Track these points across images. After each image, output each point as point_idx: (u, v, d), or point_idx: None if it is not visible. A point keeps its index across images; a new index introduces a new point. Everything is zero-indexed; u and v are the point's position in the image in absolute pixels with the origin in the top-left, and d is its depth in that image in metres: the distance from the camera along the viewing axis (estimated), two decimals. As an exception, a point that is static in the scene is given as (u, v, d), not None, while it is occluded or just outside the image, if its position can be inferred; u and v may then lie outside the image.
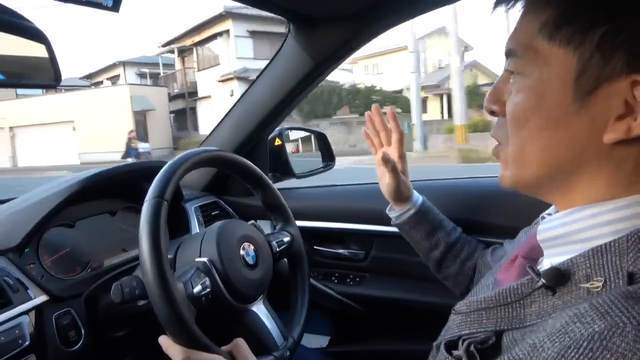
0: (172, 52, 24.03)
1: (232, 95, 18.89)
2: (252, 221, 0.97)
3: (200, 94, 22.30)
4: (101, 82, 28.19)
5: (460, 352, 0.48)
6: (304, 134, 1.58)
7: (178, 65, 24.21)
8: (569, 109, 0.45)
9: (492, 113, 0.54)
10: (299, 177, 1.44)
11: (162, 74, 25.74)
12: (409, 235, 1.00)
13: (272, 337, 0.85)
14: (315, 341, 1.37)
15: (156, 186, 0.73)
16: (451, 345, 0.50)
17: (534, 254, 0.53)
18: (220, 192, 1.39)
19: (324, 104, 19.03)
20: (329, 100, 19.13)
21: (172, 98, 23.47)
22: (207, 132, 1.36)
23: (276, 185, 1.18)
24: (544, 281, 0.45)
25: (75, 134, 21.88)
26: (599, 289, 0.41)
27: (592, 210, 0.46)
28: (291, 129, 1.49)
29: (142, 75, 26.58)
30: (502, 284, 0.54)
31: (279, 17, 1.00)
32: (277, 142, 1.38)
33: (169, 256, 0.82)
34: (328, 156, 1.53)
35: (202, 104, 22.47)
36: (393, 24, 1.00)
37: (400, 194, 0.97)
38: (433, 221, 0.98)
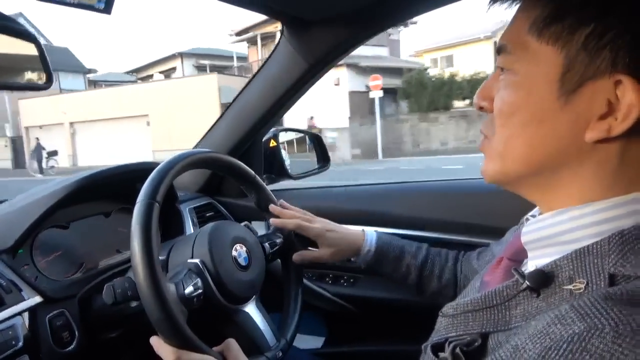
0: (244, 41, 22.28)
1: (337, 84, 16.90)
2: (245, 222, 0.98)
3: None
4: (151, 76, 26.54)
5: (446, 354, 0.48)
6: (298, 135, 1.59)
7: (253, 56, 22.20)
8: (554, 106, 0.46)
9: (481, 109, 0.55)
10: (294, 178, 1.45)
11: (235, 65, 23.66)
12: (380, 271, 0.99)
13: (265, 338, 0.85)
14: (309, 342, 1.37)
15: (148, 188, 0.73)
16: (438, 348, 0.51)
17: (519, 255, 0.54)
18: (215, 194, 1.39)
19: (444, 95, 17.49)
20: (449, 93, 17.57)
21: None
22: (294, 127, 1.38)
23: (271, 187, 1.18)
24: (528, 283, 0.46)
25: (150, 130, 20.08)
26: (581, 291, 0.42)
27: (575, 212, 0.46)
28: (286, 130, 1.50)
29: (200, 68, 24.79)
30: (488, 286, 0.55)
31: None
32: (272, 143, 1.39)
33: (161, 257, 0.83)
34: (323, 157, 1.53)
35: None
36: (387, 26, 1.00)
37: (345, 248, 0.98)
38: (395, 251, 0.98)
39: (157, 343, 0.70)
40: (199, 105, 17.81)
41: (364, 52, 16.74)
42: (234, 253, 0.85)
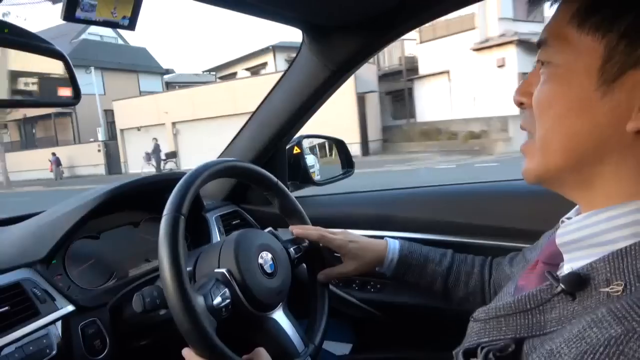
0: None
1: (502, 66, 14.84)
2: (270, 228, 0.98)
3: (422, 72, 17.52)
4: (234, 74, 24.31)
5: (478, 359, 0.47)
6: (322, 141, 1.59)
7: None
8: (593, 96, 0.45)
9: (521, 105, 0.55)
10: (318, 184, 1.45)
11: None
12: (405, 281, 0.98)
13: (293, 344, 0.86)
14: (337, 349, 1.36)
15: (173, 201, 0.75)
16: (470, 354, 0.50)
17: (555, 259, 0.52)
18: (240, 201, 1.41)
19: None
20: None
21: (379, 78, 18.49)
22: (426, 119, 1.36)
23: (296, 193, 1.19)
24: (563, 287, 0.44)
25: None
26: (619, 293, 0.41)
27: (612, 212, 0.45)
28: (309, 136, 1.50)
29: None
30: (523, 290, 0.54)
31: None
32: (296, 150, 1.40)
33: (189, 268, 0.84)
34: (347, 163, 1.53)
35: (422, 84, 17.64)
36: (406, 30, 0.99)
37: (368, 260, 0.98)
38: (419, 259, 0.97)
39: (188, 355, 0.71)
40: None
41: (532, 28, 14.36)
42: (260, 261, 0.85)
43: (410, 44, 18.51)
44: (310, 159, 1.68)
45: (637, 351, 0.33)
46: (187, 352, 0.72)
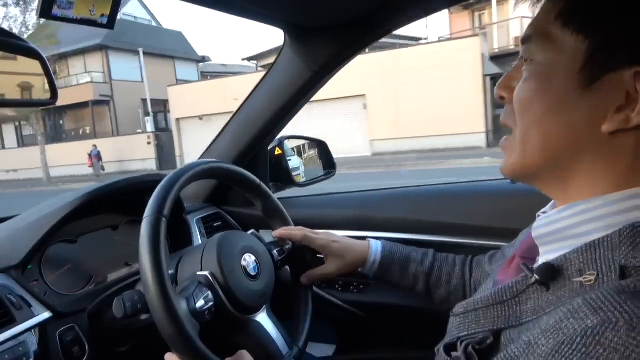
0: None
1: None
2: (252, 230, 0.97)
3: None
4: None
5: (458, 353, 0.48)
6: (304, 142, 1.59)
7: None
8: (573, 95, 0.46)
9: (502, 99, 0.56)
10: (300, 185, 1.45)
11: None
12: (388, 281, 0.98)
13: (277, 347, 0.85)
14: (321, 350, 1.36)
15: (154, 203, 0.73)
16: (450, 348, 0.51)
17: (532, 253, 0.54)
18: (222, 203, 1.39)
19: None
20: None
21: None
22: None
23: (278, 195, 1.18)
24: (537, 277, 0.46)
25: (367, 113, 15.46)
26: (591, 283, 0.42)
27: (585, 205, 0.47)
28: (291, 137, 1.49)
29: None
30: (501, 285, 0.55)
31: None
32: (278, 151, 1.39)
33: (170, 271, 0.82)
34: (329, 164, 1.53)
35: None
36: (388, 31, 1.00)
37: (350, 261, 0.97)
38: (401, 260, 0.97)
39: (171, 359, 0.70)
40: (448, 78, 13.23)
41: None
42: (243, 263, 0.84)
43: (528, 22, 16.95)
44: (294, 161, 1.68)
45: (613, 341, 0.34)
46: (169, 356, 0.71)
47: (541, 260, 0.51)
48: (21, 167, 21.96)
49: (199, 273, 0.80)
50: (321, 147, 1.55)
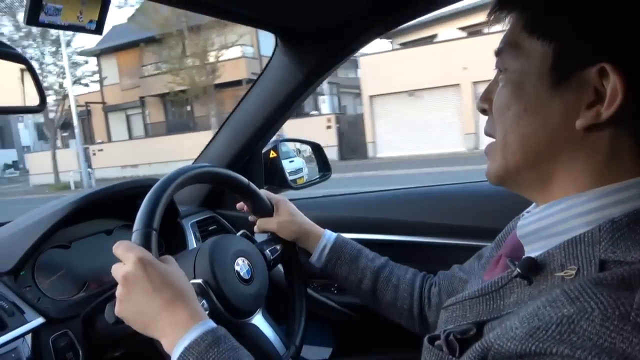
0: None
1: None
2: (243, 230, 0.97)
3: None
4: (431, 38, 17.25)
5: (440, 341, 0.50)
6: (299, 145, 1.59)
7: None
8: (545, 97, 0.49)
9: (484, 111, 0.58)
10: (295, 188, 1.45)
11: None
12: (335, 274, 0.96)
13: (274, 347, 0.86)
14: (318, 353, 1.36)
15: (142, 215, 0.73)
16: (435, 338, 0.52)
17: (517, 252, 0.55)
18: (217, 207, 1.39)
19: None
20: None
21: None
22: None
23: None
24: (518, 270, 0.47)
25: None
26: (572, 277, 0.44)
27: (566, 203, 0.49)
28: (286, 140, 1.50)
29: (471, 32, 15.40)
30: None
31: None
32: (272, 154, 1.39)
33: None
34: (324, 166, 1.53)
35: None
36: (380, 32, 1.01)
37: (300, 229, 0.97)
38: (352, 251, 0.96)
39: (121, 248, 0.70)
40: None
41: None
42: (236, 268, 0.84)
43: None
44: (297, 162, 1.68)
45: (587, 330, 0.36)
46: (119, 245, 0.71)
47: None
48: (144, 162, 18.09)
49: (192, 281, 0.79)
50: (316, 150, 1.55)
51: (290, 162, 1.68)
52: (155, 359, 0.73)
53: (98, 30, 0.67)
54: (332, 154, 14.85)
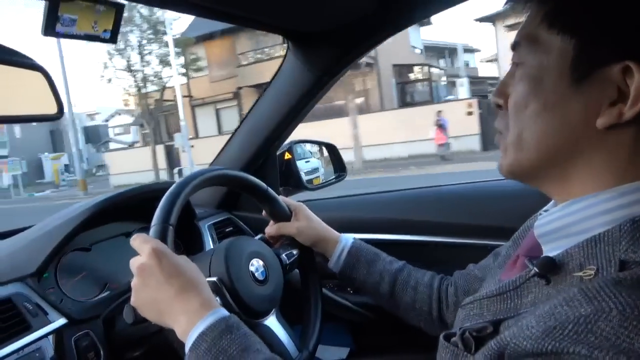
0: None
1: None
2: (261, 235, 0.98)
3: None
4: None
5: (456, 338, 0.49)
6: (314, 146, 1.60)
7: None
8: (565, 94, 0.47)
9: (498, 106, 0.57)
10: (311, 189, 1.45)
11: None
12: (353, 279, 0.96)
13: (287, 350, 0.86)
14: (335, 353, 1.36)
15: (160, 211, 0.75)
16: (451, 335, 0.52)
17: (535, 252, 0.54)
18: (233, 208, 1.41)
19: None
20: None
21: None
22: None
23: (295, 197, 1.18)
24: (536, 270, 0.46)
25: None
26: (591, 277, 0.42)
27: (587, 202, 0.47)
28: (300, 142, 1.50)
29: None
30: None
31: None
32: (287, 156, 1.40)
33: None
34: (339, 167, 1.54)
35: None
36: (390, 34, 1.01)
37: (317, 234, 0.97)
38: (369, 255, 0.96)
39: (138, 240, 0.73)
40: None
41: None
42: (251, 268, 0.85)
43: None
44: (313, 162, 1.69)
45: (605, 330, 0.35)
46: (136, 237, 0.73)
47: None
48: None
49: (207, 279, 0.81)
50: (331, 150, 1.56)
51: (306, 162, 1.69)
52: (173, 359, 0.74)
53: (112, 39, 0.69)
54: (473, 143, 13.63)
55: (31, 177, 22.93)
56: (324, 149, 1.58)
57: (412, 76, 18.62)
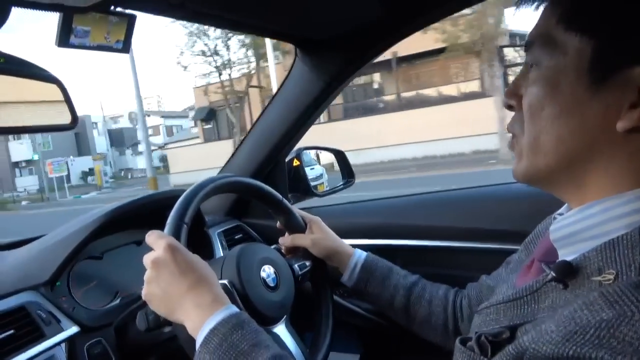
0: None
1: None
2: (275, 245, 0.99)
3: None
4: None
5: (472, 342, 0.48)
6: (322, 153, 1.60)
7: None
8: (583, 97, 0.46)
9: (510, 107, 0.55)
10: (320, 195, 1.46)
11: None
12: (367, 293, 0.96)
13: None
14: (344, 359, 1.35)
15: (176, 211, 0.76)
16: (467, 340, 0.51)
17: (550, 256, 0.53)
18: (242, 216, 1.41)
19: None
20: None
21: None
22: None
23: (298, 205, 1.19)
24: (553, 274, 0.45)
25: None
26: (610, 282, 0.41)
27: (604, 205, 0.46)
28: (309, 148, 1.51)
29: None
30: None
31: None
32: (296, 162, 1.40)
33: None
34: (347, 173, 1.54)
35: None
36: (396, 40, 1.01)
37: (332, 247, 0.97)
38: (383, 269, 0.96)
39: (152, 236, 0.73)
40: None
41: None
42: (262, 274, 0.85)
43: None
44: (317, 169, 1.69)
45: (628, 334, 0.34)
46: (151, 234, 0.74)
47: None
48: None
49: (218, 282, 0.82)
50: (339, 157, 1.56)
51: (311, 169, 1.70)
52: None
53: (125, 49, 0.70)
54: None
55: (58, 181, 22.99)
56: (321, 156, 1.58)
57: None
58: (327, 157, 1.62)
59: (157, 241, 0.71)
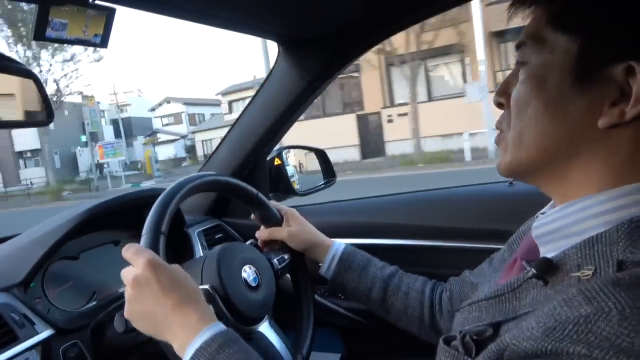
0: None
1: None
2: (251, 240, 0.98)
3: None
4: None
5: (456, 342, 0.49)
6: (303, 152, 1.60)
7: None
8: (568, 93, 0.48)
9: (500, 105, 0.57)
10: (300, 194, 1.45)
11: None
12: (345, 285, 0.96)
13: (281, 357, 0.86)
14: (326, 359, 1.35)
15: (151, 219, 0.74)
16: (450, 339, 0.52)
17: (533, 254, 0.54)
18: (222, 215, 1.40)
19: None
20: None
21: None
22: None
23: (287, 203, 1.18)
24: (534, 271, 0.46)
25: None
26: (589, 277, 0.43)
27: (584, 203, 0.48)
28: (290, 147, 1.50)
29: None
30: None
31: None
32: (277, 161, 1.40)
33: None
34: (328, 172, 1.54)
35: None
36: (382, 38, 1.01)
37: (309, 238, 0.98)
38: (361, 260, 0.96)
39: (130, 251, 0.70)
40: None
41: None
42: (243, 275, 0.85)
43: None
44: (290, 169, 1.68)
45: (605, 329, 0.35)
46: (128, 247, 0.70)
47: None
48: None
49: (199, 287, 0.80)
50: (320, 156, 1.56)
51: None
52: None
53: (103, 43, 0.68)
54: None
55: (64, 173, 21.80)
56: (287, 156, 1.58)
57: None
58: (297, 158, 1.61)
59: (136, 257, 0.68)
